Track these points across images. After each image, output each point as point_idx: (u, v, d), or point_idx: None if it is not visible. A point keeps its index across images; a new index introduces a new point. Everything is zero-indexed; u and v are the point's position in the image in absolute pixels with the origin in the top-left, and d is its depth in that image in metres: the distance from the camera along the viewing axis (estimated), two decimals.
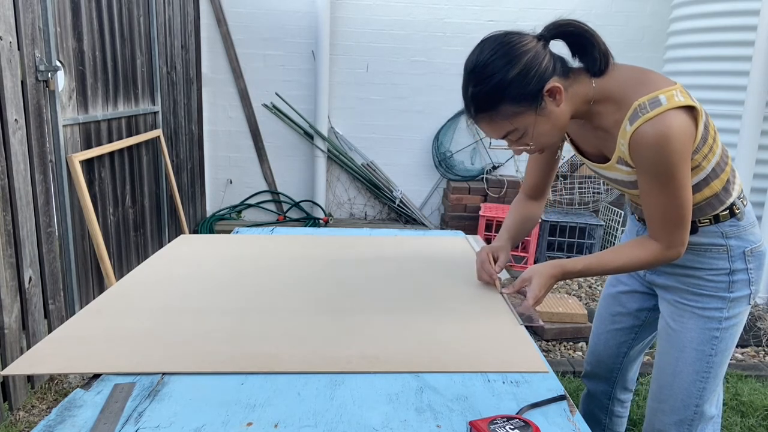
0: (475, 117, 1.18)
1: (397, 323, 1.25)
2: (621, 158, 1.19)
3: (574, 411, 0.95)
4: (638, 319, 1.51)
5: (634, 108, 1.11)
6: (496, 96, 1.12)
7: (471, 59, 1.15)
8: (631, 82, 1.15)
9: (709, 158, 1.18)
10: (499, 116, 1.14)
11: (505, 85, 1.10)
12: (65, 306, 2.53)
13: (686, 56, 3.62)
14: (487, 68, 1.11)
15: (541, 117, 1.14)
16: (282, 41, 4.52)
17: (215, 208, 4.80)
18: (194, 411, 0.92)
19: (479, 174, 4.63)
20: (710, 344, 1.27)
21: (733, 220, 1.25)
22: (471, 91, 1.15)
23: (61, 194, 2.49)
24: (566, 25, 1.15)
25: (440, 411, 0.94)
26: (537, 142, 1.19)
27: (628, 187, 1.26)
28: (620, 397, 1.63)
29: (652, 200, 1.17)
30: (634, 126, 1.11)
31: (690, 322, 1.29)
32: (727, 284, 1.26)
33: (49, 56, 2.33)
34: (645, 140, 1.10)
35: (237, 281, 1.49)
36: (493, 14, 4.49)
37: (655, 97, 1.10)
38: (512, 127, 1.16)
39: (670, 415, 1.33)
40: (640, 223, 1.41)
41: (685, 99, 1.10)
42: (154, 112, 3.54)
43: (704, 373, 1.28)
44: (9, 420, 2.11)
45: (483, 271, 1.46)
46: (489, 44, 1.13)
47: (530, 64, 1.10)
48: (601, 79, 1.17)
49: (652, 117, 1.08)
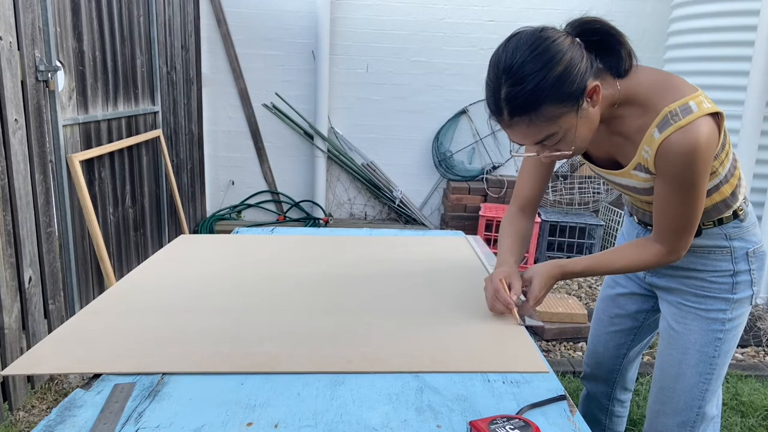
0: (510, 120, 1.06)
1: (397, 323, 1.25)
2: (641, 164, 1.15)
3: (574, 411, 0.95)
4: (637, 321, 1.50)
5: (664, 114, 1.07)
6: (538, 96, 1.02)
7: (504, 57, 1.04)
8: (657, 86, 1.10)
9: (725, 163, 1.16)
10: (540, 118, 1.05)
11: (551, 83, 1.01)
12: (65, 306, 2.53)
13: (686, 56, 3.62)
14: (526, 67, 1.01)
15: (581, 119, 1.07)
16: (282, 41, 4.52)
17: (215, 208, 4.80)
18: (194, 411, 0.92)
19: (479, 174, 4.63)
20: (713, 346, 1.26)
21: (737, 222, 1.24)
22: (506, 92, 1.03)
23: (61, 194, 2.49)
24: (592, 22, 1.07)
25: (440, 411, 0.94)
26: (576, 146, 1.11)
27: (640, 193, 1.22)
28: (620, 397, 1.63)
29: (667, 208, 1.14)
30: (665, 134, 1.06)
31: (693, 324, 1.28)
32: (731, 285, 1.25)
33: (49, 56, 2.33)
34: (676, 149, 1.05)
35: (237, 281, 1.49)
36: (493, 14, 4.49)
37: (685, 103, 1.06)
38: (553, 130, 1.07)
39: (673, 416, 1.32)
40: (639, 225, 1.39)
41: (711, 105, 1.07)
42: (154, 112, 3.54)
43: (707, 375, 1.27)
44: (9, 420, 2.11)
45: (497, 301, 1.28)
46: (525, 40, 1.03)
47: (572, 62, 1.02)
48: (624, 81, 1.11)
49: (684, 125, 1.04)
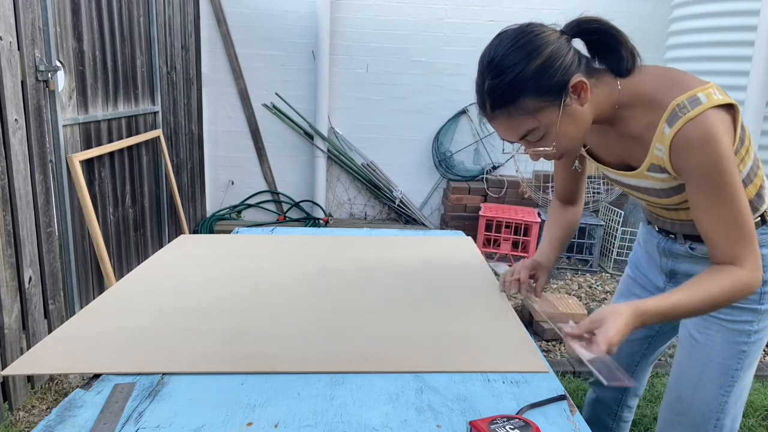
0: (492, 114, 1.06)
1: (397, 323, 1.25)
2: (655, 164, 1.09)
3: (574, 411, 0.95)
4: (652, 330, 1.45)
5: (671, 108, 1.01)
6: (516, 88, 1.01)
7: (488, 51, 1.05)
8: (663, 82, 1.05)
9: (746, 161, 1.10)
10: (519, 111, 1.03)
11: (528, 76, 1.00)
12: (65, 306, 2.53)
13: (686, 56, 3.62)
14: (506, 59, 1.01)
15: (565, 115, 1.04)
16: (282, 41, 4.52)
17: (215, 208, 4.80)
18: (194, 411, 0.92)
19: (479, 174, 4.62)
20: (737, 358, 1.19)
21: (764, 228, 1.16)
22: (488, 85, 1.03)
23: (61, 194, 2.49)
24: (590, 21, 1.04)
25: (440, 411, 0.94)
26: (559, 144, 1.07)
27: (659, 195, 1.15)
28: (630, 403, 1.59)
29: (711, 214, 1.03)
30: (675, 127, 1.01)
31: (717, 336, 1.20)
32: (759, 296, 1.16)
33: (49, 56, 2.33)
34: (691, 142, 0.99)
35: (237, 281, 1.49)
36: (493, 14, 4.49)
37: (693, 95, 1.01)
38: (534, 125, 1.04)
39: (688, 428, 1.26)
40: (660, 234, 1.30)
41: (723, 97, 1.01)
42: (154, 112, 3.54)
43: (728, 387, 1.21)
44: (9, 420, 2.11)
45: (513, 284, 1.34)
46: (508, 35, 1.03)
47: (554, 55, 1.00)
48: (627, 80, 1.07)
49: (694, 116, 0.99)
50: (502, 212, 4.13)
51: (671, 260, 1.30)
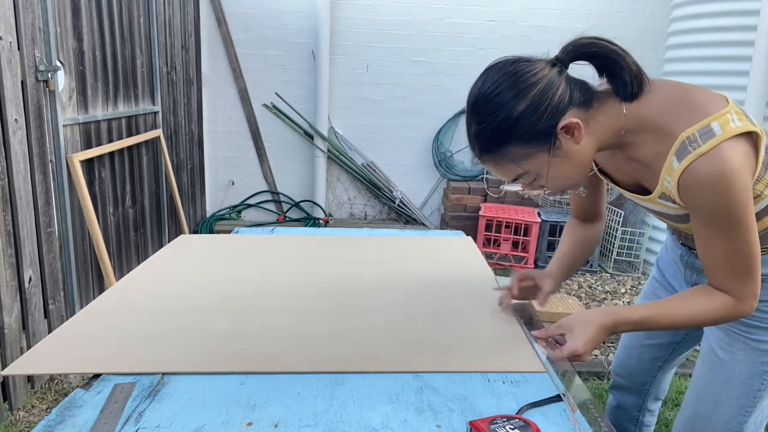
0: (480, 158, 1.03)
1: (397, 323, 1.25)
2: (665, 194, 1.02)
3: (574, 410, 0.95)
4: (677, 335, 1.40)
5: (681, 141, 0.93)
6: (500, 136, 0.96)
7: (473, 91, 1.00)
8: (672, 107, 0.97)
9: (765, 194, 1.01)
10: (505, 159, 0.99)
11: (511, 122, 0.94)
12: (65, 306, 2.53)
13: (686, 56, 3.62)
14: (490, 103, 0.96)
15: (556, 158, 0.98)
16: (282, 41, 4.52)
17: (215, 208, 4.80)
18: (194, 411, 0.92)
19: (479, 174, 4.62)
20: (760, 378, 1.15)
21: None
22: (473, 129, 1.00)
23: (61, 194, 2.49)
24: (587, 45, 0.97)
25: (440, 411, 0.94)
26: (554, 186, 1.03)
27: (674, 220, 1.11)
28: (651, 407, 1.55)
29: (713, 249, 0.99)
30: (684, 163, 0.93)
31: (741, 354, 1.15)
32: None
33: (49, 56, 2.33)
34: (700, 180, 0.92)
35: (237, 281, 1.49)
36: (493, 14, 4.48)
37: (706, 125, 0.92)
38: (521, 171, 1.01)
39: None
40: (684, 247, 1.25)
41: (743, 123, 0.92)
42: (154, 112, 3.54)
43: (749, 408, 1.16)
44: (9, 420, 2.11)
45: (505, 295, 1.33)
46: (493, 74, 0.98)
47: (541, 97, 0.94)
48: (633, 105, 0.99)
49: (705, 151, 0.90)
50: (502, 212, 4.13)
51: (695, 274, 1.26)
